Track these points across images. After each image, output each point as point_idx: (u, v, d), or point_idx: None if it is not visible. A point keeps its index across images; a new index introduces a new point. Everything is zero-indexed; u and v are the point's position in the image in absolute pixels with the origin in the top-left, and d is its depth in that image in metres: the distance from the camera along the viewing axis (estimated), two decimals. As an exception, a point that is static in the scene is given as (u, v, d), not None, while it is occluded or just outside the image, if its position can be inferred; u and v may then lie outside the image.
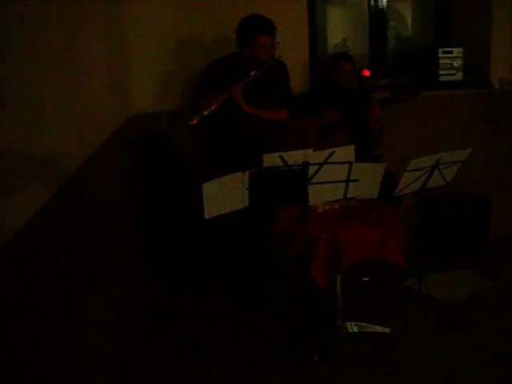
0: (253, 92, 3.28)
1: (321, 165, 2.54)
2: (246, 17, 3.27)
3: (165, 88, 3.88)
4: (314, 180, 2.58)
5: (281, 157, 2.47)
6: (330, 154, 2.51)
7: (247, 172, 2.47)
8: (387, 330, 3.10)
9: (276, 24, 3.96)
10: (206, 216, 2.52)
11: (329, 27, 4.49)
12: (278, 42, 3.29)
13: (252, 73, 3.21)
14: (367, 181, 2.66)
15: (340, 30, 4.60)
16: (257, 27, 3.22)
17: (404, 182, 2.97)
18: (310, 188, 2.60)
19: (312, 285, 2.78)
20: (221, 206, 2.54)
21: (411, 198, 3.72)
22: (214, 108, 3.05)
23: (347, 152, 2.54)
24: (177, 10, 3.81)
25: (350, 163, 2.57)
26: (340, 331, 3.08)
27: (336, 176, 2.60)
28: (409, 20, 4.67)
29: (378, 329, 3.12)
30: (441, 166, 3.07)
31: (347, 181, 2.64)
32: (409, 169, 2.92)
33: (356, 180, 2.64)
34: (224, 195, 2.51)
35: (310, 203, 2.67)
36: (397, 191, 2.99)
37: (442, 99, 4.15)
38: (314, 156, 2.50)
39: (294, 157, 2.49)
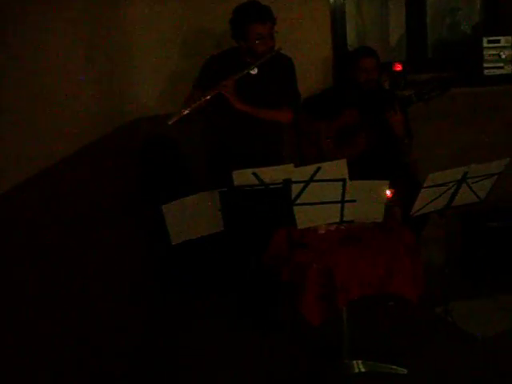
0: (249, 89, 2.89)
1: (306, 183, 2.12)
2: (240, 4, 2.88)
3: (172, 88, 3.58)
4: (300, 201, 2.17)
5: (254, 173, 2.08)
6: (316, 171, 2.08)
7: (216, 191, 2.10)
8: (404, 371, 2.63)
9: (294, 13, 3.54)
10: (173, 242, 2.19)
11: (361, 17, 4.00)
12: (277, 32, 2.87)
13: (248, 67, 2.83)
14: (367, 201, 2.21)
15: (374, 20, 4.08)
16: (250, 15, 2.83)
17: (421, 200, 2.48)
18: (297, 210, 2.19)
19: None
20: (190, 230, 2.20)
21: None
22: (196, 107, 2.68)
23: (338, 167, 2.10)
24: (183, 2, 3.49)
25: (343, 181, 2.13)
26: (347, 371, 2.64)
27: (328, 196, 2.17)
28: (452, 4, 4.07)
29: (393, 369, 2.65)
30: (470, 180, 2.56)
31: (342, 201, 2.20)
32: (426, 185, 2.44)
33: (353, 201, 2.20)
34: (191, 218, 2.16)
35: (299, 227, 2.26)
36: (413, 211, 2.51)
37: (487, 97, 3.56)
38: (297, 173, 2.09)
39: (272, 174, 2.08)
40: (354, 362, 2.65)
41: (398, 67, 3.51)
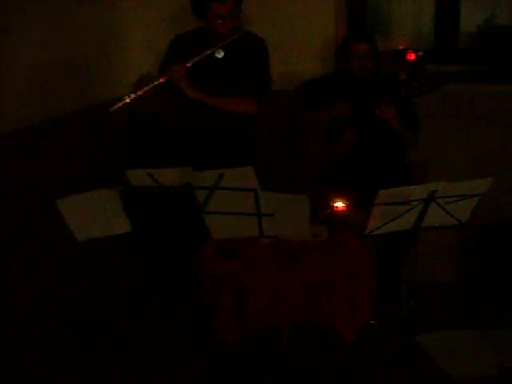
0: (215, 74, 2.61)
1: (211, 190, 1.82)
2: None
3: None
4: (210, 208, 1.87)
5: (149, 174, 1.81)
6: (220, 178, 1.78)
7: (114, 190, 1.86)
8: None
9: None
10: (78, 238, 1.98)
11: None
12: (242, 12, 2.52)
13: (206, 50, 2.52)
14: (288, 217, 1.87)
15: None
16: None
17: (375, 218, 2.09)
18: (210, 218, 1.90)
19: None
20: (94, 228, 1.97)
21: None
22: (142, 93, 2.42)
23: (243, 175, 1.78)
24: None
25: (255, 191, 1.81)
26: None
27: (241, 206, 1.86)
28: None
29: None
30: (441, 201, 2.11)
31: (258, 214, 1.88)
32: (378, 202, 2.04)
33: (270, 215, 1.87)
34: (93, 215, 1.94)
35: (214, 237, 1.97)
36: (368, 230, 2.13)
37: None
38: (198, 177, 1.79)
39: (171, 176, 1.80)
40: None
41: (411, 56, 3.02)
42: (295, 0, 3.10)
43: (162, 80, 2.46)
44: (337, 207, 2.31)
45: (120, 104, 2.40)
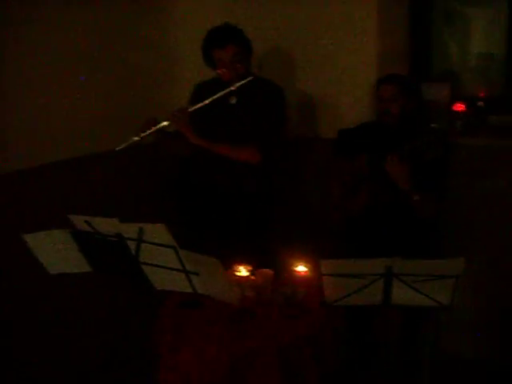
0: (227, 121, 2.63)
1: (138, 242, 1.83)
2: None
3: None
4: (143, 259, 1.89)
5: (87, 222, 1.88)
6: (140, 232, 1.79)
7: (67, 230, 1.97)
8: None
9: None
10: (50, 271, 2.14)
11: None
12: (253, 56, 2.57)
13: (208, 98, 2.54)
14: (211, 277, 1.81)
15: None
16: (209, 40, 2.57)
17: (328, 287, 1.91)
18: (147, 269, 1.92)
19: None
20: (62, 264, 2.10)
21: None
22: (146, 135, 2.50)
23: (158, 232, 1.76)
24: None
25: (174, 248, 1.78)
26: None
27: (169, 262, 1.84)
28: None
29: None
30: (406, 278, 1.85)
31: (186, 271, 1.84)
32: (324, 272, 1.86)
33: (196, 273, 1.83)
34: (57, 252, 2.07)
35: (157, 288, 1.98)
36: (328, 300, 1.95)
37: None
38: (123, 228, 1.82)
39: (104, 225, 1.86)
40: None
41: (460, 107, 2.70)
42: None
43: (165, 123, 2.52)
44: (299, 272, 2.16)
45: (127, 144, 2.51)
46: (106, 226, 1.86)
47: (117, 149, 2.52)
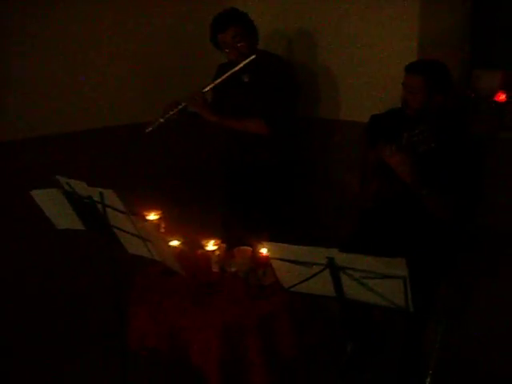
0: (241, 98, 2.75)
1: (103, 206, 1.96)
2: None
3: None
4: (112, 223, 2.01)
5: (67, 183, 2.05)
6: (101, 195, 1.90)
7: (60, 190, 2.16)
8: None
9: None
10: (57, 226, 2.37)
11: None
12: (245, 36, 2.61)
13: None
14: (158, 247, 1.87)
15: None
16: (213, 25, 2.64)
17: (278, 271, 1.87)
18: (119, 233, 2.04)
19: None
20: (66, 220, 2.32)
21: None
22: (169, 117, 2.63)
23: (109, 197, 1.86)
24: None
25: (126, 213, 1.87)
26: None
27: (129, 227, 1.95)
28: None
29: None
30: (353, 272, 1.75)
31: (141, 237, 1.93)
32: (271, 256, 1.83)
33: (148, 240, 1.91)
34: (59, 209, 2.29)
35: (129, 252, 2.09)
36: (283, 285, 1.92)
37: None
38: (90, 191, 1.95)
39: (79, 187, 2.01)
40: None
41: (501, 96, 2.41)
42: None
43: (184, 104, 2.64)
44: (262, 254, 2.13)
45: (154, 125, 2.65)
46: (80, 188, 2.02)
47: (146, 130, 2.68)
